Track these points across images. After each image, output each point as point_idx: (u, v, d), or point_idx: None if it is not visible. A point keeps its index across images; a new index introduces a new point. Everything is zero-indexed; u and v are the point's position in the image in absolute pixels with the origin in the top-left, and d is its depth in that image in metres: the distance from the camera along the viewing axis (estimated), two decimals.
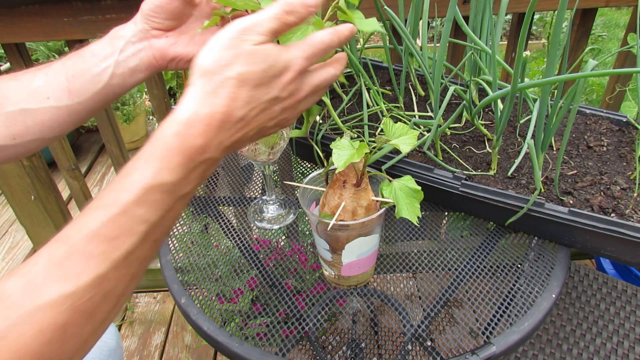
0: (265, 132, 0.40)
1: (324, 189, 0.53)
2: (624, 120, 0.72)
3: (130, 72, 0.51)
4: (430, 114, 0.75)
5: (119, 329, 1.43)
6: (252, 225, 0.71)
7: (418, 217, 0.47)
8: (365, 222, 0.49)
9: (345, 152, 0.45)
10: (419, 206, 0.48)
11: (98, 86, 0.50)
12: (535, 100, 0.66)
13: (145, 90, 2.16)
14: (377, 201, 0.51)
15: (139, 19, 0.50)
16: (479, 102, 0.66)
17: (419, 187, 0.48)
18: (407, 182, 0.48)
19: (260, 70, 0.36)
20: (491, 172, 0.64)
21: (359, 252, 0.53)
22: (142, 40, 0.50)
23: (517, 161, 0.63)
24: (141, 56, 0.51)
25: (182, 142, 0.35)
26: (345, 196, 0.49)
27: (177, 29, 0.52)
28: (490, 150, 0.68)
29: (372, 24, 0.49)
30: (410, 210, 0.47)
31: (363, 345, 0.61)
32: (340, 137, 0.47)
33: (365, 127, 0.70)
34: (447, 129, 0.73)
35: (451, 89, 0.64)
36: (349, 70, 0.79)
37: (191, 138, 0.35)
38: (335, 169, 0.46)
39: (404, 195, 0.48)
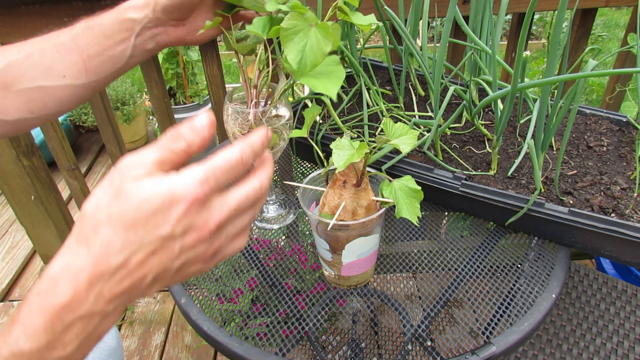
0: (179, 273, 0.33)
1: (324, 189, 0.53)
2: (624, 120, 0.72)
3: (148, 52, 0.52)
4: (430, 114, 0.75)
5: (119, 329, 1.43)
6: (252, 225, 0.71)
7: (418, 217, 0.47)
8: (366, 222, 0.49)
9: (345, 152, 0.45)
10: (419, 206, 0.48)
11: (117, 66, 0.50)
12: (535, 100, 0.66)
13: (145, 90, 2.17)
14: (377, 201, 0.51)
15: (157, 8, 0.50)
16: (479, 102, 0.66)
17: (419, 187, 0.48)
18: (407, 182, 0.48)
19: (133, 208, 0.30)
20: (491, 172, 0.64)
21: (359, 252, 0.53)
22: (159, 26, 0.51)
23: (517, 161, 0.63)
24: (158, 39, 0.52)
25: (45, 301, 0.30)
26: (345, 196, 0.49)
27: (192, 15, 0.53)
28: (490, 150, 0.68)
29: (368, 19, 0.49)
30: (410, 210, 0.47)
31: (363, 345, 0.61)
32: (340, 137, 0.47)
33: (365, 127, 0.70)
34: (447, 129, 0.73)
35: (451, 89, 0.64)
36: (349, 70, 0.79)
37: (54, 295, 0.30)
38: (335, 169, 0.46)
39: (404, 195, 0.48)
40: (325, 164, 0.53)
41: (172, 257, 0.31)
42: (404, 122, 0.58)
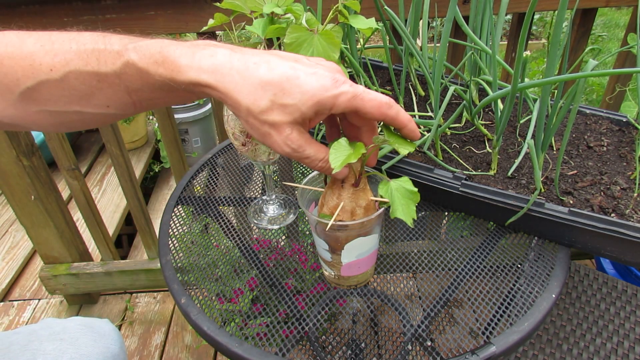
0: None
1: (322, 189, 0.53)
2: (624, 120, 0.72)
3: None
4: (430, 114, 0.75)
5: (119, 329, 1.43)
6: (252, 225, 0.71)
7: (413, 219, 0.47)
8: (364, 222, 0.49)
9: (342, 153, 0.45)
10: (415, 208, 0.47)
11: (172, 104, 0.47)
12: (535, 100, 0.66)
13: None
14: (375, 201, 0.51)
15: None
16: (479, 102, 0.66)
17: (416, 189, 0.47)
18: (404, 183, 0.48)
19: None
20: (491, 172, 0.64)
21: (359, 252, 0.53)
22: None
23: (517, 161, 0.63)
24: None
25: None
26: (343, 196, 0.49)
27: None
28: (490, 150, 0.68)
29: (369, 22, 0.49)
30: (405, 211, 0.47)
31: (363, 345, 0.61)
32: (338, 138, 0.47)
33: None
34: (447, 129, 0.73)
35: (451, 89, 0.64)
36: (349, 70, 0.79)
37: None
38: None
39: (400, 196, 0.47)
40: None
41: None
42: None
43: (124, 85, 0.40)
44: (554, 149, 0.69)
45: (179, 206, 0.76)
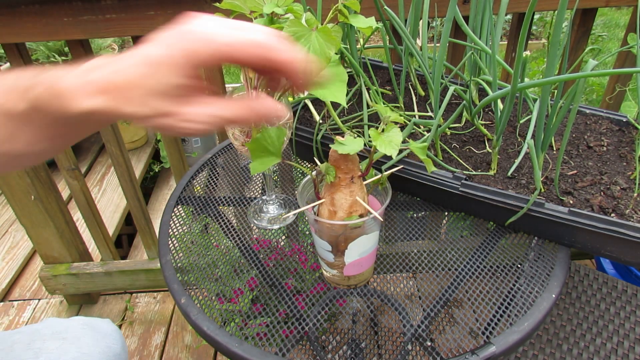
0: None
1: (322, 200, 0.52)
2: (624, 120, 0.72)
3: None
4: (430, 114, 0.75)
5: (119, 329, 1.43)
6: (252, 225, 0.71)
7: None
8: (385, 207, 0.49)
9: (394, 140, 0.45)
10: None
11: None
12: (535, 100, 0.66)
13: None
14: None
15: None
16: (479, 102, 0.66)
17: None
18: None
19: None
20: (491, 172, 0.64)
21: (362, 250, 0.53)
22: None
23: (517, 161, 0.63)
24: None
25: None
26: (356, 190, 0.49)
27: None
28: (490, 150, 0.68)
29: (369, 22, 0.49)
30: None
31: (363, 345, 0.61)
32: (342, 136, 0.47)
33: (365, 127, 0.70)
34: (447, 129, 0.73)
35: (451, 89, 0.64)
36: (349, 70, 0.79)
37: None
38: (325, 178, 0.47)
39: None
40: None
41: None
42: (404, 121, 0.58)
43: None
44: (554, 149, 0.69)
45: (179, 206, 0.75)
